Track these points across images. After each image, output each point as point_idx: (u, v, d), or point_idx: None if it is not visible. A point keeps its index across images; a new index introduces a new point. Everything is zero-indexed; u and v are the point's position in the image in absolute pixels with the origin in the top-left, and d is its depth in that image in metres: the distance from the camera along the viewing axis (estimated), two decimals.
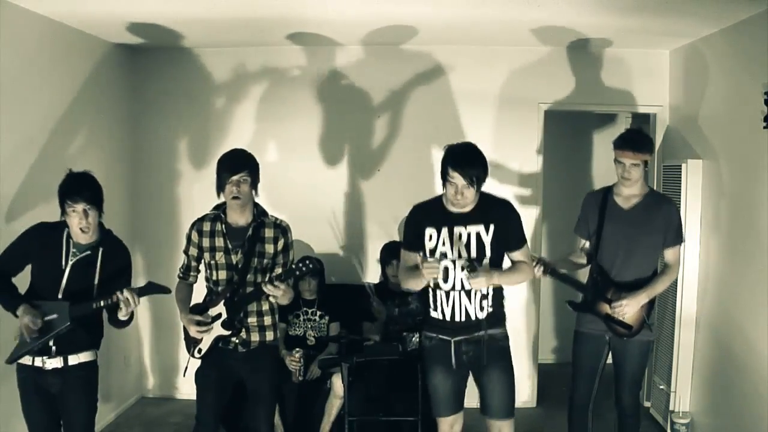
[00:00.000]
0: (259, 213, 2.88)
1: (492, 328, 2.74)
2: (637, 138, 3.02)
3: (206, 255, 2.86)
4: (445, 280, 2.70)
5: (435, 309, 2.77)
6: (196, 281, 2.97)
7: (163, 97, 4.46)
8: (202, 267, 2.94)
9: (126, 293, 2.56)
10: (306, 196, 4.36)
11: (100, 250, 2.66)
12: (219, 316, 2.82)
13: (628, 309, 2.94)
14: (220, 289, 2.85)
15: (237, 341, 2.85)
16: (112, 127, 4.24)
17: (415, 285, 2.77)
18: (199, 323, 2.80)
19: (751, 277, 3.23)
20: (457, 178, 2.58)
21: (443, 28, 3.85)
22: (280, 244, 2.86)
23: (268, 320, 2.90)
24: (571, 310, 3.16)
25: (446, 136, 4.29)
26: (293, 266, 2.75)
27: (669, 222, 3.00)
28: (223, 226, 2.84)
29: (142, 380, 4.64)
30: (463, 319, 2.71)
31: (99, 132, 4.07)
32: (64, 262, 2.62)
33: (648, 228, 2.99)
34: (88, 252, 2.65)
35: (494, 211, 2.69)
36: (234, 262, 2.82)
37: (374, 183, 4.44)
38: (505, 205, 2.77)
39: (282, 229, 2.88)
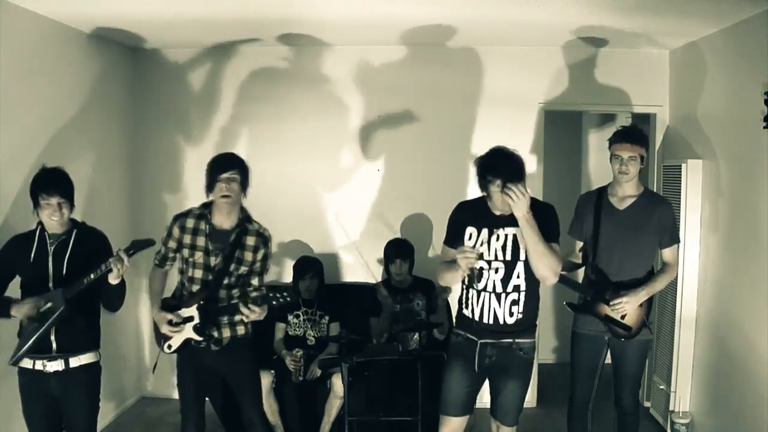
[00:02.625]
0: (244, 218, 2.86)
1: (520, 337, 2.71)
2: (633, 132, 3.04)
3: (185, 251, 2.86)
4: (479, 280, 2.70)
5: (466, 307, 2.77)
6: (171, 269, 3.00)
7: (164, 97, 4.46)
8: (178, 257, 2.95)
9: (115, 255, 2.56)
10: (306, 195, 4.36)
11: (74, 231, 2.69)
12: (191, 318, 2.83)
13: (628, 306, 2.93)
14: (194, 288, 2.85)
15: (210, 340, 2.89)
16: (113, 127, 4.24)
17: (451, 279, 2.76)
18: (170, 323, 2.83)
19: (751, 277, 3.23)
20: (496, 192, 2.57)
21: (443, 29, 3.85)
22: (260, 254, 2.86)
23: (238, 317, 2.87)
24: (570, 311, 3.16)
25: (446, 136, 4.37)
26: (270, 294, 2.74)
27: (664, 223, 2.99)
28: (207, 226, 2.83)
29: (142, 380, 4.64)
30: (491, 321, 2.69)
31: (99, 131, 4.06)
32: (45, 254, 2.63)
33: (643, 229, 2.98)
34: (64, 237, 2.66)
35: (533, 213, 2.63)
36: (212, 264, 2.82)
37: (374, 183, 4.44)
38: (545, 207, 2.72)
39: (264, 238, 2.88)
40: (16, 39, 3.19)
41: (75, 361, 2.65)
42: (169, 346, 2.89)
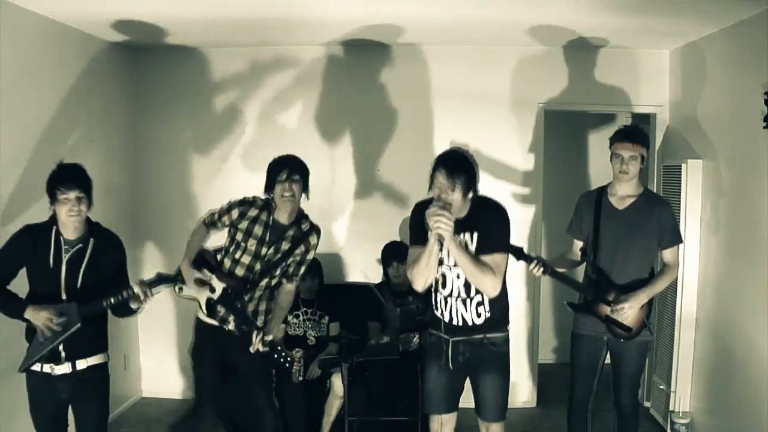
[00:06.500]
0: (300, 215, 3.00)
1: (491, 333, 2.73)
2: (634, 131, 3.04)
3: (239, 234, 2.95)
4: (444, 286, 2.71)
5: (436, 309, 2.79)
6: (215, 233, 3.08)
7: (163, 97, 4.46)
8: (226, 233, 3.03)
9: (137, 288, 2.58)
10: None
11: (91, 241, 2.63)
12: (212, 289, 2.89)
13: (630, 311, 2.93)
14: (237, 269, 2.92)
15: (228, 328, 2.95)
16: (112, 127, 4.24)
17: (425, 265, 2.56)
18: (197, 281, 2.89)
19: (751, 277, 3.23)
20: (440, 180, 2.54)
21: (443, 28, 3.85)
22: (307, 244, 3.00)
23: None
24: (570, 310, 3.16)
25: (446, 136, 4.36)
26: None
27: (664, 225, 2.99)
28: (270, 218, 2.93)
29: (142, 381, 4.64)
30: (460, 323, 2.72)
31: (99, 131, 4.06)
32: (58, 261, 2.58)
33: (643, 229, 2.98)
34: (80, 245, 2.61)
35: (481, 218, 2.64)
36: (263, 254, 2.91)
37: (374, 183, 4.44)
38: (493, 210, 2.67)
39: (316, 231, 3.02)
40: (16, 39, 3.19)
41: (82, 363, 2.62)
42: (180, 289, 2.96)
